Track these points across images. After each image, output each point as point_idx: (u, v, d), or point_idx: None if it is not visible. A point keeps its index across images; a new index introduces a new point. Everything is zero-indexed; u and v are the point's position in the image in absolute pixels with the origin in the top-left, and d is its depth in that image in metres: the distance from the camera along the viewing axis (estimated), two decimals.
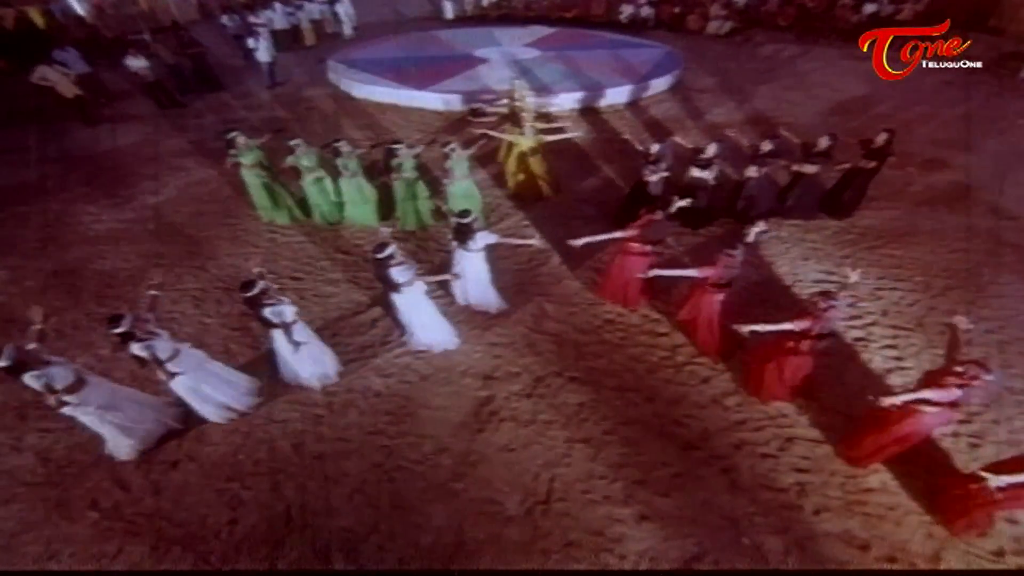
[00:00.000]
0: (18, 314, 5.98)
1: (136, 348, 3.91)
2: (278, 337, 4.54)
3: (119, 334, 3.86)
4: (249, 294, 4.20)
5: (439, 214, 6.96)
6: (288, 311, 4.43)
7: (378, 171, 7.07)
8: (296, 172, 6.89)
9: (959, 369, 3.44)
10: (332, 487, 4.17)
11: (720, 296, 4.90)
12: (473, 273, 5.37)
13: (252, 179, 6.99)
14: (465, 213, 4.95)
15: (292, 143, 6.64)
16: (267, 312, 4.30)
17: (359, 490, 4.15)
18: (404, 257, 4.78)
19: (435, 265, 6.35)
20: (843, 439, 4.35)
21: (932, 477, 4.07)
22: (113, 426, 4.13)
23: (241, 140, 6.73)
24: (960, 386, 3.42)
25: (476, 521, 3.93)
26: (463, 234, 4.98)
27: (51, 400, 3.75)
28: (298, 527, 3.92)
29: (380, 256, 4.47)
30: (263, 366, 5.10)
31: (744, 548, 3.74)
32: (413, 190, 6.80)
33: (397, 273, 4.59)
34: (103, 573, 3.72)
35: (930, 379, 3.64)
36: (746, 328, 4.07)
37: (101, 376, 4.32)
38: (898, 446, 3.94)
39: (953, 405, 3.53)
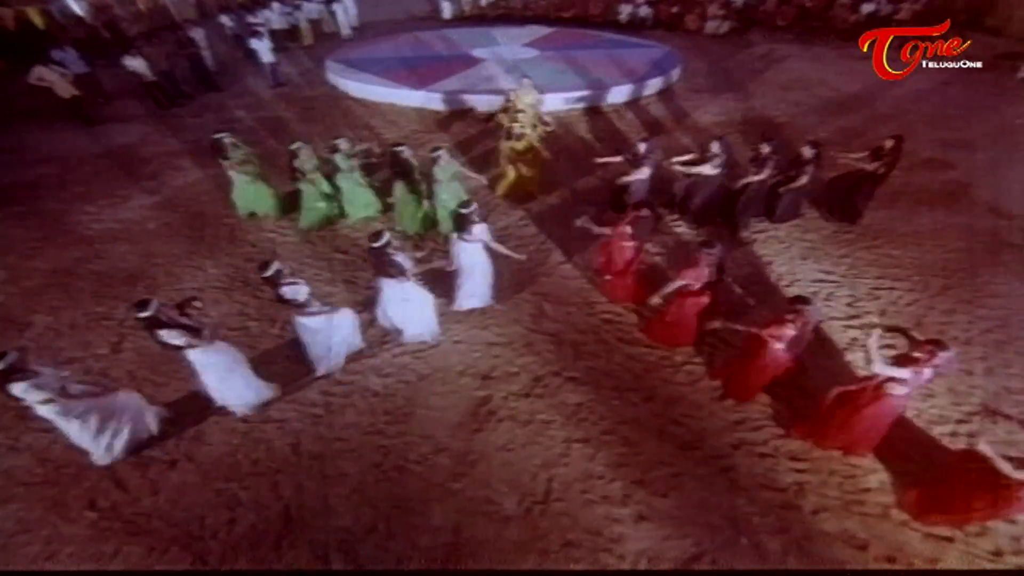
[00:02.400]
0: (17, 314, 5.98)
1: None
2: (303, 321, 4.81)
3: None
4: (267, 274, 4.47)
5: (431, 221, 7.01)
6: (303, 291, 4.65)
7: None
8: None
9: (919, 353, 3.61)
10: (330, 487, 4.16)
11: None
12: (469, 264, 5.41)
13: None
14: (466, 203, 5.09)
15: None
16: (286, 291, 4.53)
17: (357, 490, 4.14)
18: (401, 247, 4.96)
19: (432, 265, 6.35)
20: (805, 420, 4.40)
21: (925, 474, 4.08)
22: (90, 431, 4.14)
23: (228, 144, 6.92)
24: (926, 364, 3.57)
25: (474, 521, 3.92)
26: (462, 224, 5.11)
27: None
28: (296, 527, 3.91)
29: (376, 245, 4.64)
30: (263, 365, 5.10)
31: (743, 548, 3.74)
32: (415, 192, 6.79)
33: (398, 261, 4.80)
34: (101, 573, 3.71)
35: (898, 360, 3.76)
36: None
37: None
38: (865, 428, 4.03)
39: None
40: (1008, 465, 3.29)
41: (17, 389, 3.67)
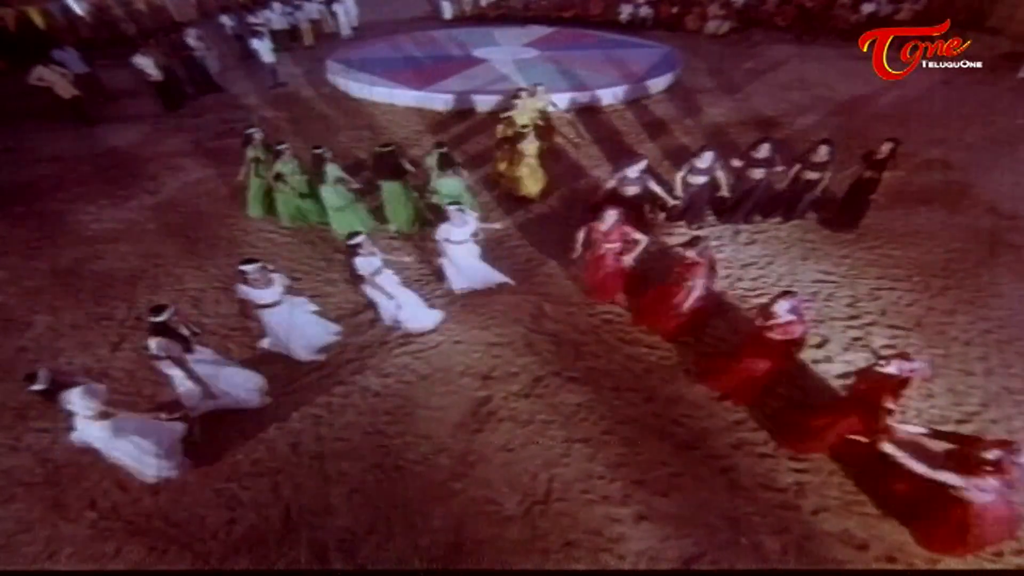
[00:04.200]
0: (17, 314, 5.98)
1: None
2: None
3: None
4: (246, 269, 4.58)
5: (427, 214, 7.02)
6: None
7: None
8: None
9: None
10: (331, 487, 4.16)
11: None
12: (463, 260, 5.64)
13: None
14: (454, 202, 5.44)
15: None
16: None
17: (358, 490, 4.14)
18: (375, 249, 5.06)
19: (433, 265, 6.37)
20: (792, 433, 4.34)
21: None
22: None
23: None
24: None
25: (475, 521, 3.92)
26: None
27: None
28: (296, 527, 3.91)
29: (350, 243, 4.85)
30: (263, 365, 5.11)
31: (743, 548, 3.74)
32: (403, 191, 6.82)
33: (363, 263, 4.92)
34: (101, 573, 3.71)
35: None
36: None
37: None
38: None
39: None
40: (922, 466, 3.15)
41: (73, 395, 3.59)
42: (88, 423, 3.68)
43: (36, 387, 3.54)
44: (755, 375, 4.50)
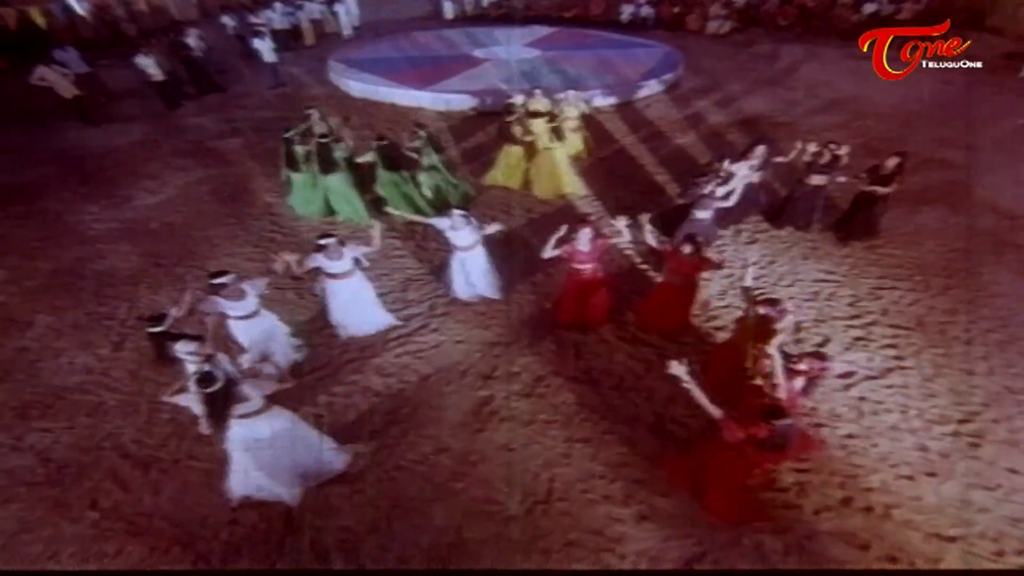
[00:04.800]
0: (19, 314, 5.98)
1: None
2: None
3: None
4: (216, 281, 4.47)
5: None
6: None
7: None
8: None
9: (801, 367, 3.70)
10: (332, 487, 4.15)
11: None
12: (460, 266, 5.61)
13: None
14: (461, 206, 5.53)
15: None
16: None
17: (359, 490, 4.14)
18: (344, 246, 5.01)
19: (434, 265, 6.37)
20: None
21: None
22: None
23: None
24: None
25: (476, 521, 3.92)
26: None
27: None
28: (297, 527, 3.91)
29: (319, 243, 4.84)
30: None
31: (744, 548, 3.73)
32: (403, 182, 6.94)
33: (317, 261, 4.88)
34: (103, 573, 3.71)
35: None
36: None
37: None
38: None
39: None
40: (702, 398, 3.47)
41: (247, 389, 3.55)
42: (245, 423, 3.65)
43: (213, 389, 3.35)
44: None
